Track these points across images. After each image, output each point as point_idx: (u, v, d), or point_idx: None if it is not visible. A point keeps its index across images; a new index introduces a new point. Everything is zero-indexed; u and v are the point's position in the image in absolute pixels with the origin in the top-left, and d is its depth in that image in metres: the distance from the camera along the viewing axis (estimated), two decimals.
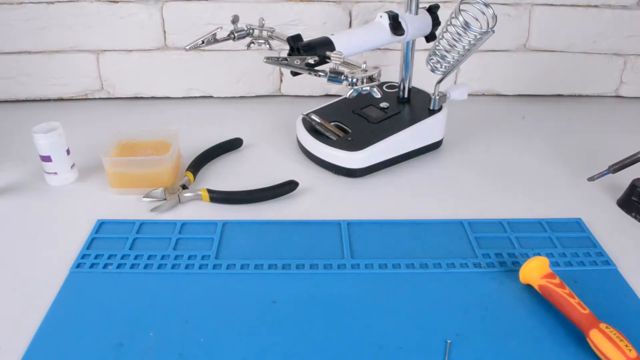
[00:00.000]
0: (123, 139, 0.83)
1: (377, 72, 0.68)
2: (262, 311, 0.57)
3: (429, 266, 0.64)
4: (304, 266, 0.64)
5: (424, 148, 0.86)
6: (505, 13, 1.01)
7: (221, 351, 0.53)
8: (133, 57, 1.03)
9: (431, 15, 0.82)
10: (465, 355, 0.52)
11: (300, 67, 0.70)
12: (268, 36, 0.85)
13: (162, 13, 0.99)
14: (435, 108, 0.86)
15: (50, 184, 0.80)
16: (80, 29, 1.00)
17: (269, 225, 0.71)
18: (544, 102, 1.09)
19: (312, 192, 0.79)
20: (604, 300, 0.58)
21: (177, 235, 0.69)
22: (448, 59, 0.77)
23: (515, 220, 0.72)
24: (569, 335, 0.55)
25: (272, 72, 1.07)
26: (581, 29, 1.03)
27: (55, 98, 1.07)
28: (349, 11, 1.01)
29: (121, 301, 0.59)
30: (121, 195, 0.77)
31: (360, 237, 0.69)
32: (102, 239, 0.68)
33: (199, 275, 0.62)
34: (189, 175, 0.79)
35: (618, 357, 0.50)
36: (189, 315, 0.57)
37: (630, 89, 1.10)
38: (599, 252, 0.66)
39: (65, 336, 0.54)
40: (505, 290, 0.60)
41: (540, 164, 0.86)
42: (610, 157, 0.77)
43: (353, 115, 0.87)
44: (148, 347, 0.53)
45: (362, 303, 0.59)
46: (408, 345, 0.53)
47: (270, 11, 0.99)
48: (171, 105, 1.06)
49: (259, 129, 0.96)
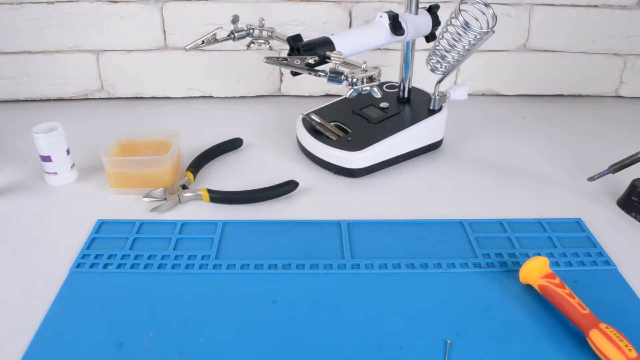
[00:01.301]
0: (123, 139, 0.83)
1: (377, 72, 0.68)
2: (262, 311, 0.57)
3: (429, 266, 0.64)
4: (304, 266, 0.64)
5: (424, 148, 0.86)
6: (505, 13, 1.01)
7: (221, 351, 0.53)
8: (133, 57, 1.03)
9: (431, 15, 0.82)
10: (465, 355, 0.52)
11: (300, 67, 0.70)
12: (268, 36, 0.85)
13: (162, 13, 1.00)
14: (435, 108, 0.86)
15: (50, 184, 0.80)
16: (80, 29, 1.00)
17: (269, 225, 0.71)
18: (544, 102, 1.09)
19: (312, 192, 0.79)
20: (604, 300, 0.58)
21: (177, 235, 0.69)
22: (448, 59, 0.77)
23: (515, 220, 0.72)
24: (569, 335, 0.55)
25: (272, 72, 1.07)
26: (581, 29, 1.03)
27: (55, 98, 1.07)
28: (349, 11, 1.01)
29: (121, 301, 0.59)
30: (121, 195, 0.77)
31: (360, 237, 0.69)
32: (102, 239, 0.68)
33: (199, 275, 0.62)
34: (189, 175, 0.79)
35: (618, 357, 0.50)
36: (189, 315, 0.57)
37: (630, 89, 1.10)
38: (599, 252, 0.66)
39: (65, 336, 0.54)
40: (505, 290, 0.60)
41: (540, 164, 0.86)
42: (610, 157, 0.77)
43: (353, 115, 0.87)
44: (148, 347, 0.53)
45: (362, 303, 0.59)
46: (408, 345, 0.53)
47: (270, 11, 0.99)
48: (171, 105, 1.06)
49: (259, 129, 0.96)
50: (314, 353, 0.53)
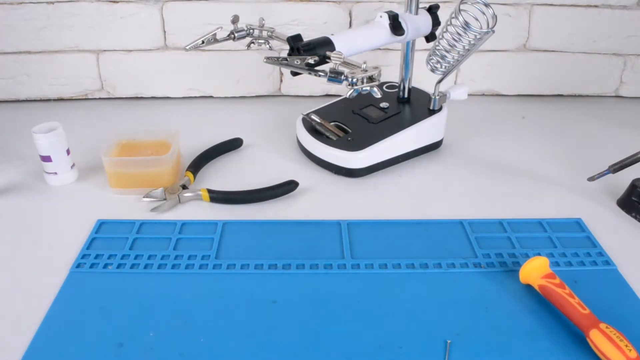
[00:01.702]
0: (123, 139, 0.83)
1: (377, 72, 0.68)
2: (262, 311, 0.57)
3: (429, 266, 0.64)
4: (304, 266, 0.64)
5: (424, 148, 0.86)
6: (505, 13, 1.01)
7: (221, 351, 0.53)
8: (133, 57, 1.03)
9: (431, 15, 0.82)
10: (465, 355, 0.52)
11: (300, 67, 0.70)
12: (268, 36, 0.85)
13: (162, 13, 0.99)
14: (435, 108, 0.86)
15: (50, 184, 0.80)
16: (80, 29, 1.00)
17: (269, 225, 0.71)
18: (544, 102, 1.09)
19: (312, 192, 0.79)
20: (604, 300, 0.58)
21: (177, 235, 0.69)
22: (448, 59, 0.77)
23: (515, 220, 0.72)
24: (569, 335, 0.55)
25: (272, 72, 1.07)
26: (581, 29, 1.03)
27: (55, 98, 1.07)
28: (349, 11, 1.01)
29: (121, 301, 0.59)
30: (121, 195, 0.77)
31: (360, 237, 0.69)
32: (102, 239, 0.68)
33: (199, 275, 0.62)
34: (189, 175, 0.79)
35: (618, 357, 0.50)
36: (189, 315, 0.57)
37: (630, 89, 1.10)
38: (599, 252, 0.66)
39: (65, 336, 0.54)
40: (505, 290, 0.60)
41: (540, 164, 0.86)
42: (610, 157, 0.77)
43: (353, 115, 0.87)
44: (148, 347, 0.53)
45: (362, 303, 0.59)
46: (408, 345, 0.53)
47: (270, 11, 0.99)
48: (171, 105, 1.06)
49: (259, 129, 0.96)
50: (314, 353, 0.53)
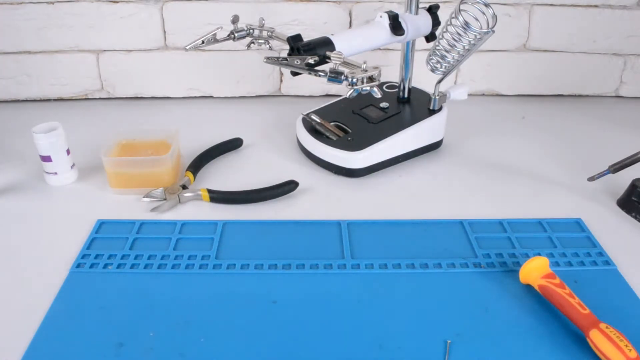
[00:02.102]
0: (123, 139, 0.83)
1: (377, 72, 0.68)
2: (262, 311, 0.57)
3: (429, 266, 0.64)
4: (304, 266, 0.64)
5: (424, 148, 0.86)
6: (505, 13, 1.01)
7: (221, 351, 0.53)
8: (133, 57, 1.03)
9: (431, 15, 0.82)
10: (465, 355, 0.52)
11: (300, 67, 0.70)
12: (268, 36, 0.85)
13: (162, 13, 0.99)
14: (435, 108, 0.86)
15: (50, 184, 0.80)
16: (80, 29, 1.00)
17: (269, 225, 0.71)
18: (544, 102, 1.09)
19: (312, 192, 0.79)
20: (604, 300, 0.58)
21: (177, 235, 0.69)
22: (448, 59, 0.77)
23: (515, 220, 0.72)
24: (569, 335, 0.55)
25: (272, 72, 1.07)
26: (581, 29, 1.03)
27: (55, 98, 1.07)
28: (349, 11, 1.01)
29: (121, 301, 0.59)
30: (121, 195, 0.77)
31: (360, 237, 0.69)
32: (102, 239, 0.68)
33: (199, 275, 0.62)
34: (189, 175, 0.79)
35: (618, 357, 0.50)
36: (189, 315, 0.57)
37: (630, 89, 1.10)
38: (599, 252, 0.66)
39: (65, 336, 0.54)
40: (505, 290, 0.60)
41: (540, 164, 0.86)
42: (610, 157, 0.77)
43: (353, 115, 0.87)
44: (148, 347, 0.53)
45: (362, 303, 0.59)
46: (408, 345, 0.53)
47: (270, 11, 0.99)
48: (171, 105, 1.06)
49: (259, 129, 0.96)
50: (314, 353, 0.53)
